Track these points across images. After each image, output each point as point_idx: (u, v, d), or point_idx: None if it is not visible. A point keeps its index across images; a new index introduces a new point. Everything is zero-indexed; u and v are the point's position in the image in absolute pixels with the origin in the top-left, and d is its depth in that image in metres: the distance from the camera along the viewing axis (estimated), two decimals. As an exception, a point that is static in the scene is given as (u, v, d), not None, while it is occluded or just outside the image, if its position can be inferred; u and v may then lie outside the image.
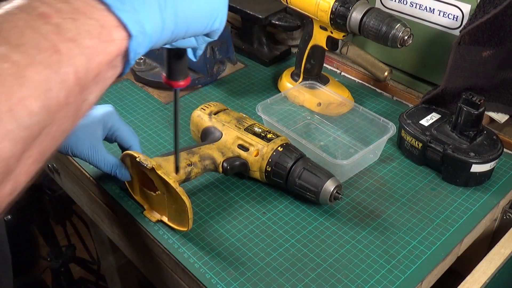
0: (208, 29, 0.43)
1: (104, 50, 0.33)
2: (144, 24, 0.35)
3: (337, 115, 0.93)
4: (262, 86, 1.06)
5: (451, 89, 0.84)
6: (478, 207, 0.75)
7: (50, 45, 0.30)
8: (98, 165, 0.72)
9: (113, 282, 1.36)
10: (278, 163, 0.74)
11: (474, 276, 0.67)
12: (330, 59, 1.11)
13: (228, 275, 0.65)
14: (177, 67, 0.52)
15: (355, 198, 0.77)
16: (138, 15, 0.34)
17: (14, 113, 0.28)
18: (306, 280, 0.65)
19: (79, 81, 0.31)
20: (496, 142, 0.79)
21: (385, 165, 0.84)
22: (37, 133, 0.30)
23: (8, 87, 0.28)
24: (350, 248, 0.69)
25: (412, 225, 0.72)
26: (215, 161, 0.76)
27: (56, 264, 1.50)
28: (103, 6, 0.33)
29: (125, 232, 0.81)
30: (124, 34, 0.34)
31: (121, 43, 0.34)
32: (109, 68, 0.34)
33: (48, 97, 0.30)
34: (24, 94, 0.28)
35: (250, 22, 1.12)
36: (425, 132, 0.81)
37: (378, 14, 0.81)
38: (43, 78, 0.29)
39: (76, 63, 0.31)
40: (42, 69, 0.29)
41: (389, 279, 0.65)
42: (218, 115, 0.82)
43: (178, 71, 0.52)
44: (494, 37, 0.79)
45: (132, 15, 0.34)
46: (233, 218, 0.74)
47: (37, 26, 0.30)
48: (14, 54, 0.28)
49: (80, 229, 1.59)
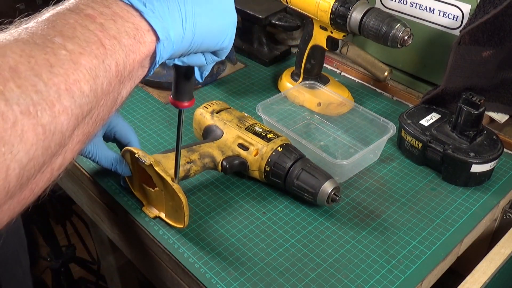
0: (219, 46, 0.47)
1: (138, 50, 0.38)
2: (169, 31, 0.40)
3: (337, 115, 0.93)
4: (262, 86, 1.06)
5: (451, 89, 0.84)
6: (478, 207, 0.75)
7: (97, 40, 0.35)
8: (98, 161, 0.72)
9: (113, 282, 1.36)
10: (277, 163, 0.74)
11: (474, 276, 0.67)
12: (330, 59, 1.11)
13: (228, 275, 0.65)
14: (184, 88, 0.55)
15: (355, 198, 0.77)
16: (165, 23, 0.39)
17: (71, 92, 0.32)
18: (306, 280, 0.65)
19: (118, 73, 0.36)
20: (496, 142, 0.79)
21: (385, 165, 0.84)
22: (85, 114, 0.35)
23: (66, 69, 0.32)
24: (350, 248, 0.69)
25: (412, 225, 0.72)
26: (215, 159, 0.76)
27: (56, 264, 1.50)
28: (137, 13, 0.38)
29: (125, 232, 0.81)
30: (153, 37, 0.39)
31: (150, 45, 0.39)
32: (140, 67, 0.39)
33: (96, 83, 0.34)
34: (78, 77, 0.33)
35: (250, 22, 1.12)
36: (425, 132, 0.81)
37: (378, 14, 0.81)
38: (92, 66, 0.34)
39: (117, 57, 0.36)
40: (92, 58, 0.34)
41: (389, 279, 0.65)
42: (220, 113, 0.82)
43: (184, 92, 0.55)
44: (494, 37, 0.79)
45: (160, 22, 0.39)
46: (233, 218, 0.74)
47: (85, 24, 0.35)
48: (69, 44, 0.33)
49: (80, 229, 1.59)
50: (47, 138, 0.31)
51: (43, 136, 0.31)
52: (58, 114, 0.32)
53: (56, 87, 0.32)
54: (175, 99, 0.56)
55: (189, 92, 0.56)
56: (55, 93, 0.31)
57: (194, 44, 0.44)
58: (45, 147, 0.31)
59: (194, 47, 0.44)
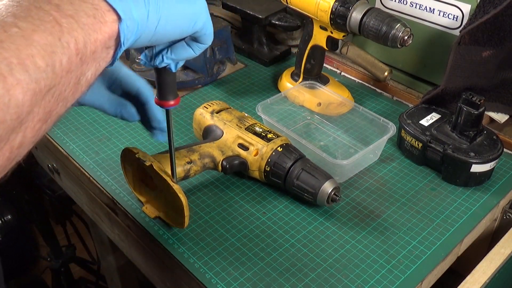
0: (193, 28, 0.47)
1: (99, 29, 0.38)
2: (131, 11, 0.40)
3: (337, 115, 0.93)
4: (262, 86, 1.06)
5: (451, 89, 0.84)
6: (478, 207, 0.75)
7: (52, 19, 0.35)
8: (101, 106, 0.65)
9: (113, 282, 1.36)
10: (277, 163, 0.74)
11: (474, 276, 0.67)
12: (330, 59, 1.11)
13: (228, 275, 0.65)
14: (167, 86, 0.55)
15: (355, 198, 0.77)
16: (125, 3, 0.40)
17: (24, 66, 0.32)
18: (306, 280, 0.65)
19: (78, 51, 0.36)
20: (496, 142, 0.79)
21: (385, 165, 0.84)
22: (44, 90, 0.34)
23: (18, 45, 0.32)
24: (350, 248, 0.69)
25: (412, 225, 0.72)
26: (215, 159, 0.76)
27: (56, 264, 1.50)
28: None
29: (125, 232, 0.81)
30: (114, 17, 0.39)
31: (112, 25, 0.39)
32: (104, 48, 0.39)
33: (53, 59, 0.34)
34: (32, 52, 0.33)
35: (250, 22, 1.12)
36: (425, 132, 0.81)
37: (378, 14, 0.81)
38: (47, 42, 0.34)
39: (75, 35, 0.36)
40: (46, 35, 0.34)
41: (389, 279, 0.65)
42: (220, 113, 0.82)
43: (168, 91, 0.56)
44: (494, 37, 0.79)
45: (120, 3, 0.39)
46: (233, 218, 0.74)
47: (39, 5, 0.35)
48: (21, 23, 0.33)
49: (80, 229, 1.59)
50: (2, 110, 0.31)
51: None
52: (11, 86, 0.31)
53: (6, 61, 0.31)
54: (160, 99, 0.57)
55: (173, 90, 0.56)
56: (6, 67, 0.31)
57: (163, 27, 0.43)
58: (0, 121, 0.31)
59: (164, 31, 0.44)
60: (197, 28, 0.48)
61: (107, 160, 0.85)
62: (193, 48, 0.51)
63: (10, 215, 1.70)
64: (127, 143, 0.89)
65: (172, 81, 0.56)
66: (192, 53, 0.51)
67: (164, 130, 0.65)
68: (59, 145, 0.89)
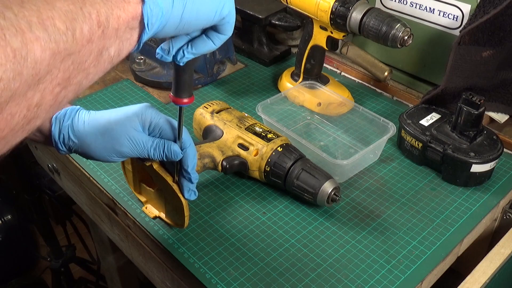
0: (218, 15, 0.47)
1: (122, 7, 0.38)
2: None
3: (337, 115, 0.93)
4: (262, 86, 1.06)
5: (451, 89, 0.84)
6: (478, 207, 0.75)
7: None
8: (145, 154, 0.62)
9: (113, 282, 1.36)
10: (277, 163, 0.74)
11: (474, 276, 0.67)
12: (330, 59, 1.11)
13: (228, 275, 0.65)
14: (184, 84, 0.56)
15: (355, 198, 0.77)
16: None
17: (43, 25, 0.33)
18: (306, 280, 0.65)
19: (100, 24, 0.37)
20: (496, 142, 0.79)
21: (385, 165, 0.84)
22: (63, 54, 0.35)
23: (39, 7, 0.33)
24: (350, 248, 0.69)
25: (412, 225, 0.72)
26: (215, 159, 0.76)
27: (56, 264, 1.50)
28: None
29: (125, 232, 0.81)
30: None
31: (136, 6, 0.39)
32: (128, 28, 0.40)
33: (73, 25, 0.35)
34: (52, 15, 0.33)
35: (250, 22, 1.12)
36: (425, 132, 0.81)
37: (378, 14, 0.81)
38: (69, 9, 0.35)
39: (97, 7, 0.36)
40: (68, 3, 0.35)
41: (389, 279, 0.65)
42: (220, 113, 0.82)
43: (184, 88, 0.56)
44: (494, 37, 0.79)
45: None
46: (233, 218, 0.74)
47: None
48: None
49: (80, 229, 1.59)
50: (19, 62, 0.31)
51: (13, 59, 0.31)
52: (29, 41, 0.32)
53: (26, 18, 0.32)
54: (175, 96, 0.57)
55: (189, 88, 0.57)
56: (26, 23, 0.32)
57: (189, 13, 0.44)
58: (16, 71, 0.32)
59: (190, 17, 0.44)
60: (224, 14, 0.47)
61: (107, 160, 0.85)
62: (213, 40, 0.51)
63: (10, 215, 1.71)
64: (127, 143, 0.89)
65: (189, 79, 0.56)
66: (213, 45, 0.51)
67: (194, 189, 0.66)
68: (59, 145, 0.89)
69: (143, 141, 0.62)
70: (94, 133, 0.61)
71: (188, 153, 0.63)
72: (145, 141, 0.62)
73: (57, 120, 0.61)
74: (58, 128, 0.61)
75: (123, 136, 0.61)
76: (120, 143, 0.61)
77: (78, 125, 0.61)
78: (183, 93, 0.57)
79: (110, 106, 0.98)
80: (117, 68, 1.13)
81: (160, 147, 0.62)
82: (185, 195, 0.66)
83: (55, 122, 0.61)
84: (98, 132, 0.61)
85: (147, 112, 0.62)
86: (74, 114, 0.62)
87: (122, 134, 0.61)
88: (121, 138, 0.61)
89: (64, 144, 0.62)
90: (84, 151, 0.62)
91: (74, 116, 0.62)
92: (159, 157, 0.63)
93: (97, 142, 0.61)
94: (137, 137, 0.61)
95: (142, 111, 0.62)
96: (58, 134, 0.61)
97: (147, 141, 0.62)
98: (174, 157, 0.62)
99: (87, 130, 0.61)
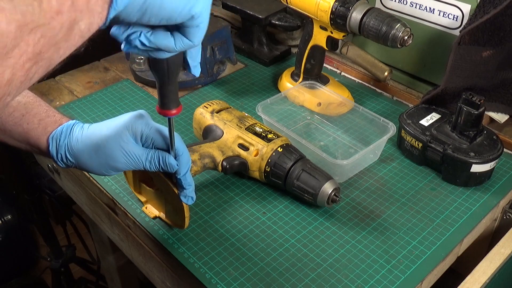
0: (186, 12, 0.44)
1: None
2: None
3: (337, 115, 0.93)
4: (262, 86, 1.06)
5: (451, 89, 0.84)
6: (478, 207, 0.75)
7: None
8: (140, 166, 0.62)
9: (113, 282, 1.36)
10: (277, 163, 0.74)
11: (474, 276, 0.67)
12: (330, 59, 1.11)
13: (228, 275, 0.65)
14: (169, 95, 0.54)
15: (355, 198, 0.77)
16: None
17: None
18: (306, 280, 0.65)
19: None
20: (496, 142, 0.79)
21: (385, 165, 0.84)
22: (30, 26, 0.34)
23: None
24: (350, 248, 0.69)
25: (412, 225, 0.72)
26: (215, 159, 0.76)
27: (56, 264, 1.50)
28: None
29: (125, 232, 0.81)
30: None
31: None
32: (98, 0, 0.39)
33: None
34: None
35: (250, 22, 1.12)
36: (425, 132, 0.81)
37: (378, 14, 0.81)
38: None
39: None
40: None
41: (389, 279, 0.65)
42: (220, 113, 0.82)
43: (170, 99, 0.55)
44: (494, 37, 0.79)
45: None
46: (233, 218, 0.74)
47: None
48: None
49: (80, 229, 1.59)
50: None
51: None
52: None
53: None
54: (162, 108, 0.55)
55: (174, 98, 0.55)
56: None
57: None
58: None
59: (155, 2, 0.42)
60: (194, 13, 0.44)
61: (107, 160, 0.85)
62: (175, 40, 0.47)
63: (10, 215, 1.70)
64: (127, 143, 0.89)
65: (174, 90, 0.55)
66: (172, 45, 0.47)
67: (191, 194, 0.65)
68: (59, 145, 0.89)
69: (137, 155, 0.61)
70: (88, 151, 0.60)
71: (181, 161, 0.63)
72: (140, 155, 0.61)
73: (54, 140, 0.62)
74: (55, 148, 0.61)
75: (117, 151, 0.60)
76: (114, 159, 0.60)
77: (72, 144, 0.61)
78: (170, 104, 0.55)
79: (110, 106, 0.98)
80: (117, 68, 1.13)
81: (155, 160, 0.62)
82: (183, 201, 0.66)
83: (52, 142, 0.62)
84: (91, 149, 0.60)
85: (136, 124, 0.61)
86: (69, 132, 0.62)
87: (115, 149, 0.60)
88: (114, 153, 0.60)
89: (63, 162, 0.62)
90: (82, 167, 0.62)
91: (69, 134, 0.62)
92: (155, 169, 0.62)
93: (92, 159, 0.61)
94: (131, 151, 0.61)
95: (131, 123, 0.61)
96: (56, 153, 0.62)
97: (141, 154, 0.61)
98: (170, 169, 0.62)
99: (81, 148, 0.61)
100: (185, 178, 0.64)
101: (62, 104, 1.00)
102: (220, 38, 1.04)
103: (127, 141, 0.61)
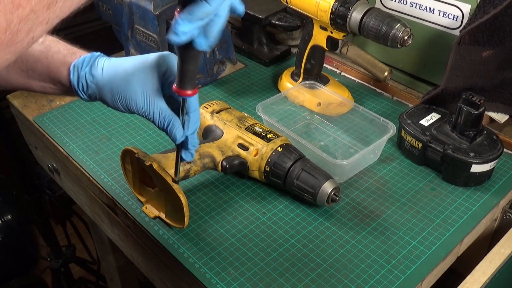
0: None
1: None
2: None
3: (337, 115, 0.93)
4: (262, 86, 1.06)
5: (451, 89, 0.84)
6: (478, 207, 0.75)
7: None
8: (151, 117, 0.60)
9: (113, 282, 1.36)
10: (277, 163, 0.74)
11: (474, 276, 0.67)
12: (330, 59, 1.11)
13: (228, 275, 0.65)
14: (188, 75, 0.55)
15: (355, 198, 0.77)
16: None
17: None
18: (306, 280, 0.65)
19: None
20: (496, 142, 0.79)
21: (385, 165, 0.84)
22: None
23: None
24: (350, 248, 0.69)
25: (412, 225, 0.72)
26: (215, 159, 0.76)
27: (56, 264, 1.50)
28: None
29: (125, 232, 0.81)
30: None
31: None
32: None
33: None
34: None
35: (250, 22, 1.12)
36: (425, 132, 0.81)
37: (378, 14, 0.81)
38: None
39: None
40: None
41: (389, 279, 0.65)
42: (220, 113, 0.82)
43: (187, 79, 0.55)
44: (494, 37, 0.79)
45: None
46: (233, 218, 0.74)
47: None
48: None
49: (80, 229, 1.59)
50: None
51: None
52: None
53: None
54: (179, 87, 0.56)
55: (192, 80, 0.56)
56: None
57: None
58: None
59: None
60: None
61: (107, 160, 0.85)
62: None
63: (10, 215, 1.70)
64: (127, 143, 0.89)
65: (193, 70, 0.55)
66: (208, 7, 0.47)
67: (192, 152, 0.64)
68: (59, 145, 0.89)
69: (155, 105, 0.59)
70: (110, 83, 0.59)
71: (192, 118, 0.61)
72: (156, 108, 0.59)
73: (75, 68, 0.60)
74: (77, 76, 0.60)
75: (139, 91, 0.58)
76: (133, 97, 0.58)
77: (97, 73, 0.59)
78: (187, 84, 0.56)
79: (110, 106, 0.98)
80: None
81: (164, 123, 0.59)
82: (182, 156, 0.64)
83: (73, 70, 0.60)
84: (114, 82, 0.58)
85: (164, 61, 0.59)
86: (93, 62, 0.60)
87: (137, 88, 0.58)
88: (135, 93, 0.58)
89: (84, 92, 0.60)
90: (103, 100, 0.61)
91: (93, 64, 0.60)
92: (160, 129, 0.61)
93: (113, 91, 0.59)
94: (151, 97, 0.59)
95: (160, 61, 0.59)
96: (77, 82, 0.60)
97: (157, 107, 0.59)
98: (173, 139, 0.61)
99: (105, 79, 0.59)
100: (192, 137, 0.62)
101: (62, 104, 1.00)
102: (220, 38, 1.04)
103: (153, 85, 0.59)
